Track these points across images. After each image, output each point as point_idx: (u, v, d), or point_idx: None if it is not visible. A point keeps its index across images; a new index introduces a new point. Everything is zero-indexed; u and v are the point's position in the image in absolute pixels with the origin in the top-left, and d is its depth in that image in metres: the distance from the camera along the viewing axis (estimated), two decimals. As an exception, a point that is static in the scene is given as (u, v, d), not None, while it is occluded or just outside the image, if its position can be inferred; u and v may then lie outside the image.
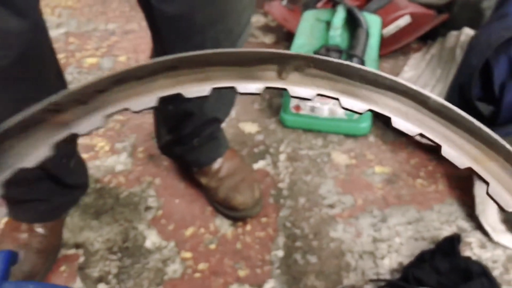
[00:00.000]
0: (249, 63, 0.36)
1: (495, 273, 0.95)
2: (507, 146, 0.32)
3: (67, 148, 0.97)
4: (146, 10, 0.80)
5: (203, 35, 0.79)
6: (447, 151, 0.34)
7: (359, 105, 0.36)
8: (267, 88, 0.36)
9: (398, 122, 0.35)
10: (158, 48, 0.88)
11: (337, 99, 0.36)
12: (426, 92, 0.34)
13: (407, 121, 0.35)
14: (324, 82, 0.36)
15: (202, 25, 0.78)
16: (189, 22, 0.78)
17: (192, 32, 0.78)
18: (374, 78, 0.35)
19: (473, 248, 1.00)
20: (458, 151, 0.34)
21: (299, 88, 0.36)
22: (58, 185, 0.97)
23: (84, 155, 1.19)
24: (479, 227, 1.03)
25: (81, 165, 1.07)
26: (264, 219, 1.06)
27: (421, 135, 0.35)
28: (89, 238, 1.04)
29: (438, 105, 0.34)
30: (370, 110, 0.36)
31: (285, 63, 0.35)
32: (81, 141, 1.25)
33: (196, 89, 0.36)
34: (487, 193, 0.33)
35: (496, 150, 0.33)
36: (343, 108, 0.36)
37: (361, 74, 0.35)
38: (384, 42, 1.45)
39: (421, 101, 0.34)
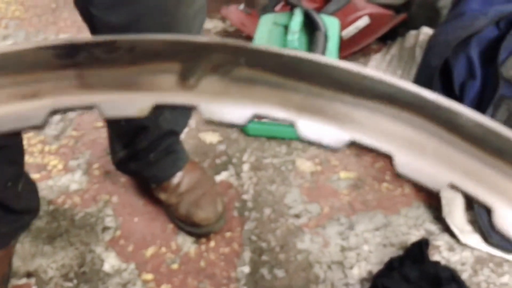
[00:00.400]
0: (126, 61, 0.20)
1: (464, 276, 0.93)
2: None
3: (12, 170, 0.90)
4: (88, 20, 0.74)
5: None
6: (507, 218, 0.17)
7: (333, 133, 0.20)
8: (159, 107, 0.20)
9: (407, 165, 0.18)
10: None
11: (291, 122, 0.20)
12: (453, 103, 0.18)
13: (425, 161, 0.18)
14: (268, 92, 0.20)
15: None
16: (136, 32, 0.73)
17: None
18: (357, 82, 0.19)
19: (442, 251, 0.98)
20: None
21: (220, 104, 0.19)
22: (5, 211, 0.90)
23: (35, 176, 1.12)
24: (447, 229, 1.01)
25: (31, 187, 1.00)
26: (228, 234, 1.02)
27: (453, 186, 0.19)
28: (41, 265, 0.97)
29: (479, 129, 0.17)
30: (353, 143, 0.21)
31: (195, 59, 0.19)
32: (31, 160, 1.18)
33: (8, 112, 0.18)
34: None
35: None
36: (303, 139, 0.20)
37: (333, 74, 0.19)
38: (344, 44, 1.43)
39: (445, 120, 0.18)
